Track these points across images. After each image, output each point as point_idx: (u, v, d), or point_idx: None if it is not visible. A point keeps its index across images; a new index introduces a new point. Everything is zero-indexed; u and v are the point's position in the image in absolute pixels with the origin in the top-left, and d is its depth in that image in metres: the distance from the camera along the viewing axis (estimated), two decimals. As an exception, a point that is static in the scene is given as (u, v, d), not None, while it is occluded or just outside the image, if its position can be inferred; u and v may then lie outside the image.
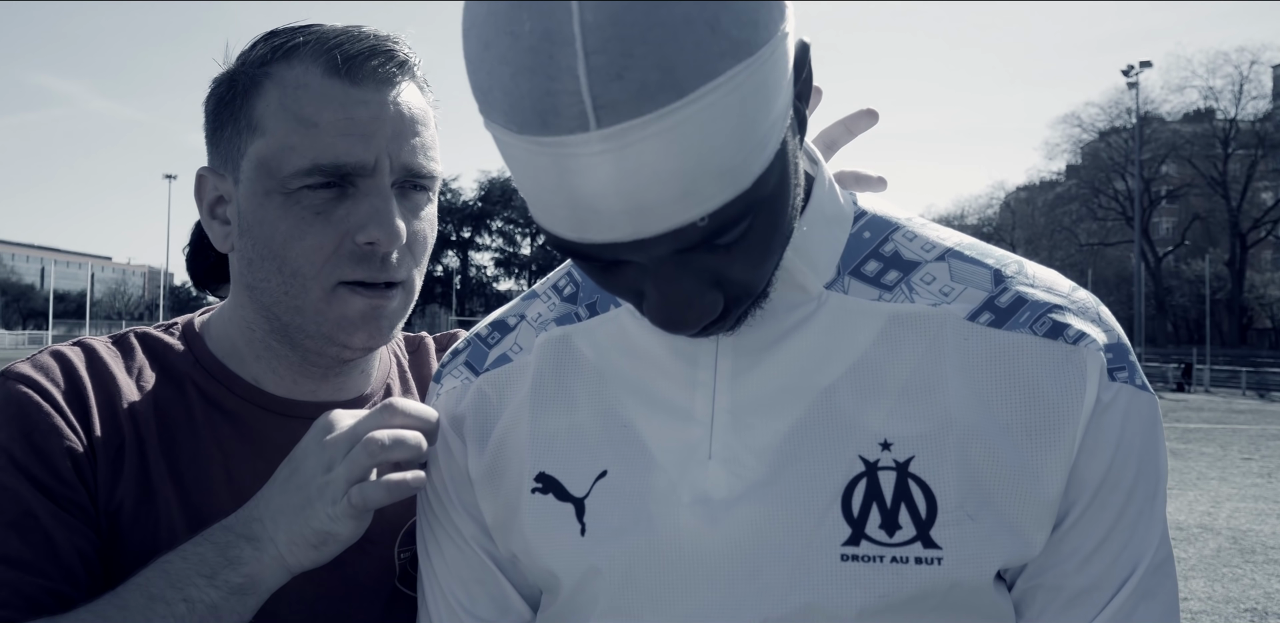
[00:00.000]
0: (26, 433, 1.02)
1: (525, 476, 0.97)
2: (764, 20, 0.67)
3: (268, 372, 1.17)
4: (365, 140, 1.05)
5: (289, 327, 1.12)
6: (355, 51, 1.06)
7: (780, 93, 0.71)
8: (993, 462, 0.84)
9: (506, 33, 0.66)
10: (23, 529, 0.99)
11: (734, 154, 0.68)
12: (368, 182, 1.06)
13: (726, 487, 0.88)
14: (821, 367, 0.89)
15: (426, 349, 1.37)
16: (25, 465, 1.01)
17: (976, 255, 0.93)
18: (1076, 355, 0.86)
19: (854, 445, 0.86)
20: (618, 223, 0.69)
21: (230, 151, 1.10)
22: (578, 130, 0.65)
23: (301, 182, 1.05)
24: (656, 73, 0.63)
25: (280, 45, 1.08)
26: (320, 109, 1.04)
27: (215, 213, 1.15)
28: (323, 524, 0.96)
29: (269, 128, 1.06)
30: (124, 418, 1.09)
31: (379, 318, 1.10)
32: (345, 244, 1.06)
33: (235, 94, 1.09)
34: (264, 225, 1.08)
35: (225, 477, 1.11)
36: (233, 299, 1.19)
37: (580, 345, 1.00)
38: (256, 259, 1.10)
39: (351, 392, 1.22)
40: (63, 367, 1.09)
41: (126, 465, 1.07)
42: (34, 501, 1.00)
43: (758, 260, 0.77)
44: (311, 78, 1.05)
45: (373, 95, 1.06)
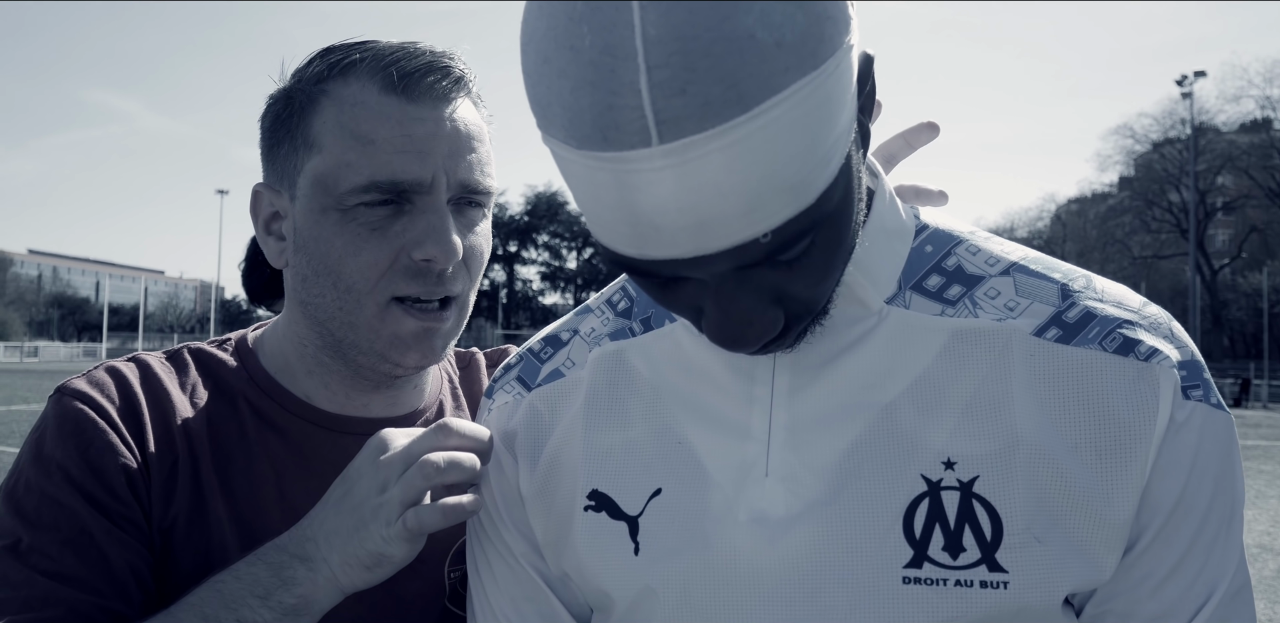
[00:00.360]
0: (83, 450, 1.03)
1: (578, 493, 0.96)
2: (829, 33, 0.65)
3: (320, 387, 1.17)
4: (422, 157, 1.04)
5: (342, 342, 1.11)
6: (411, 68, 1.06)
7: (845, 107, 0.69)
8: (1061, 483, 0.81)
9: (566, 47, 0.65)
10: (78, 547, 0.99)
11: (798, 169, 0.67)
12: (424, 198, 1.06)
13: (784, 505, 0.86)
14: (882, 383, 0.87)
15: (477, 365, 1.35)
16: (81, 483, 1.01)
17: (1042, 269, 0.90)
18: (1149, 373, 0.82)
19: (916, 464, 0.84)
20: (679, 239, 0.68)
21: (286, 168, 1.11)
22: (639, 146, 0.64)
23: (358, 198, 1.05)
24: (720, 87, 0.62)
25: (336, 62, 1.08)
26: (377, 126, 1.04)
27: (271, 229, 1.15)
28: (377, 546, 0.95)
29: (326, 145, 1.06)
30: (178, 434, 1.09)
31: (432, 338, 1.10)
32: (401, 260, 1.06)
33: (292, 111, 1.09)
34: (319, 242, 1.08)
35: (277, 494, 1.10)
36: (286, 315, 1.19)
37: (634, 361, 0.98)
38: (311, 275, 1.10)
39: (404, 407, 1.22)
40: (118, 383, 1.09)
41: (180, 482, 1.07)
42: (89, 518, 1.00)
43: (820, 277, 0.76)
44: (368, 95, 1.05)
45: (429, 112, 1.06)
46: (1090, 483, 0.81)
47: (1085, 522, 0.81)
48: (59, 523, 1.00)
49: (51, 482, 1.01)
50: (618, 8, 0.63)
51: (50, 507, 1.00)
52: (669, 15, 0.62)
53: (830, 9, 0.66)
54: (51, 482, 1.01)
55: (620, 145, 0.64)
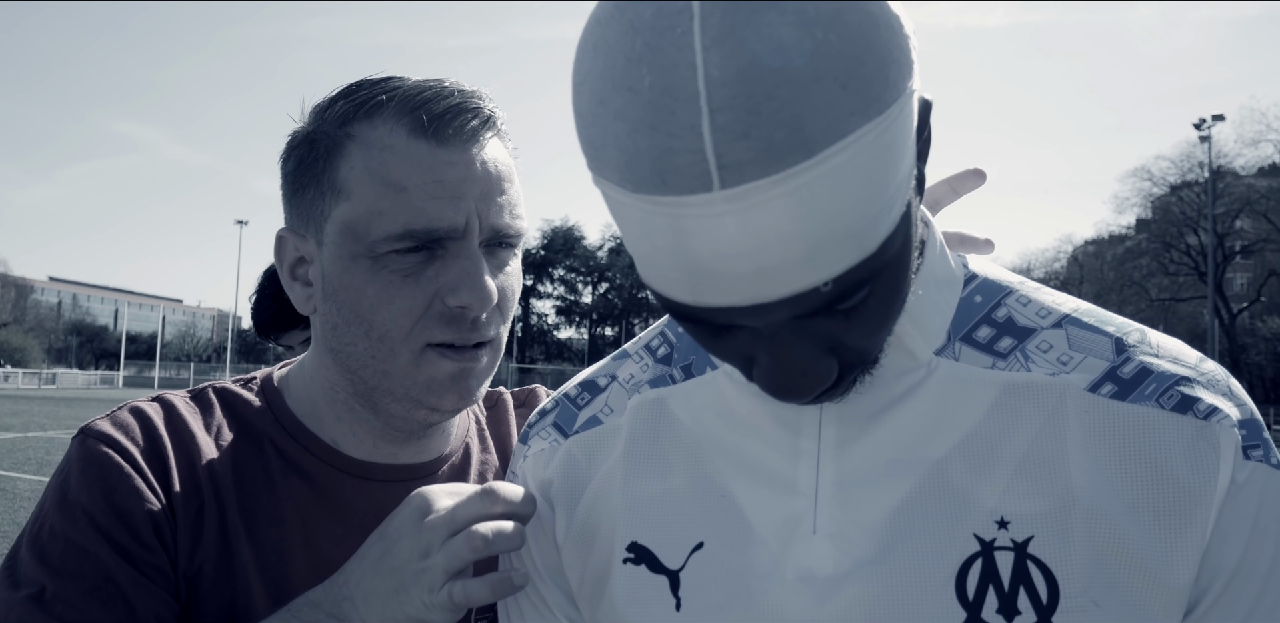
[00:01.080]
0: (108, 495, 1.00)
1: (616, 544, 0.93)
2: (894, 77, 0.64)
3: (347, 434, 1.14)
4: (455, 203, 1.01)
5: (375, 390, 1.09)
6: (440, 110, 1.02)
7: (907, 153, 0.68)
8: (1119, 544, 0.78)
9: (625, 88, 0.63)
10: (104, 596, 0.97)
11: (861, 216, 0.65)
12: (457, 244, 1.03)
13: (833, 564, 0.83)
14: (932, 438, 0.84)
15: (505, 405, 1.33)
16: (107, 529, 0.99)
17: (1095, 322, 0.88)
18: (1209, 432, 0.80)
19: (968, 523, 0.81)
20: (737, 287, 0.66)
21: (312, 214, 1.07)
22: (699, 190, 0.62)
23: (391, 246, 1.01)
24: (784, 131, 0.60)
25: (362, 103, 1.04)
26: (409, 172, 1.01)
27: (296, 274, 1.12)
28: (418, 612, 0.92)
29: (355, 191, 1.02)
30: (203, 477, 1.06)
31: (468, 379, 1.08)
32: (435, 306, 1.03)
33: (316, 155, 1.05)
34: (350, 290, 1.04)
35: (303, 540, 1.08)
36: (315, 360, 1.16)
37: (676, 409, 0.96)
38: (342, 323, 1.07)
39: (431, 453, 1.19)
40: (142, 425, 1.07)
41: (206, 527, 1.04)
42: (115, 566, 0.98)
43: (876, 326, 0.74)
44: (396, 139, 1.02)
45: (459, 155, 1.03)
46: (1148, 545, 0.78)
47: (1143, 585, 0.78)
48: (84, 571, 0.97)
49: (77, 528, 0.99)
50: (679, 48, 0.61)
51: (75, 554, 0.98)
52: (733, 57, 0.60)
53: (895, 53, 0.64)
54: (77, 528, 0.99)
55: (679, 190, 0.63)
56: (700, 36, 0.61)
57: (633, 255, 0.73)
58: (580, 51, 0.68)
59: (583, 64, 0.67)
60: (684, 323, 0.75)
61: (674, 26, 0.61)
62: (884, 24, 0.64)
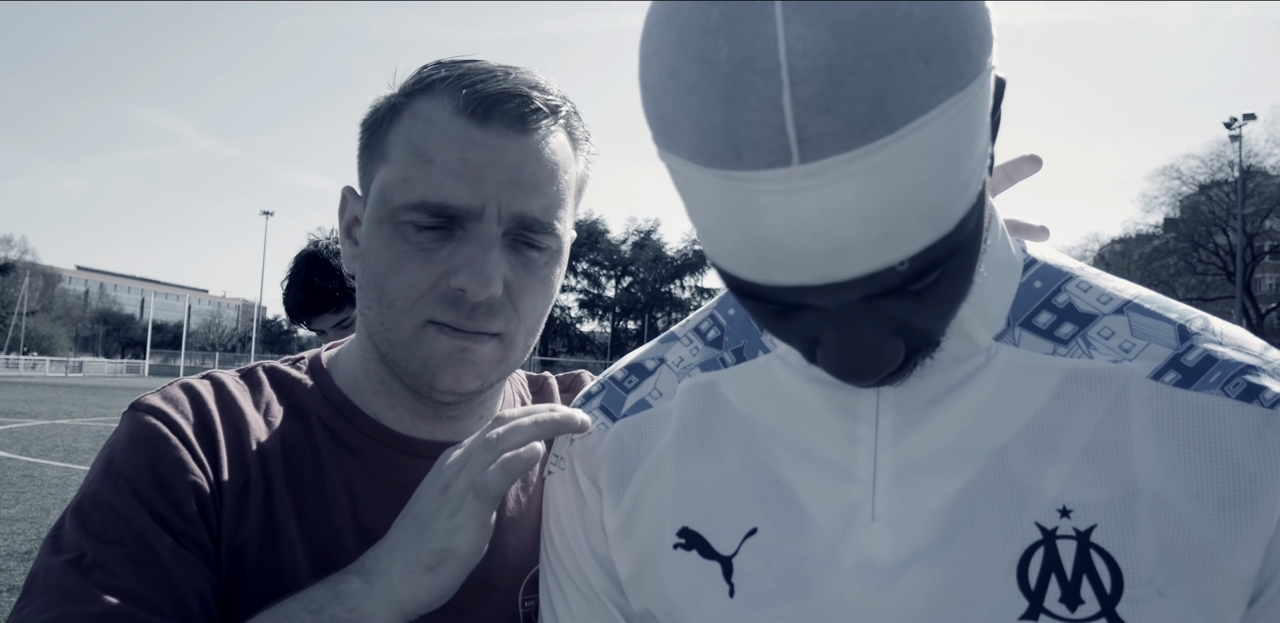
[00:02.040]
0: (152, 466, 1.01)
1: (666, 529, 0.92)
2: (975, 52, 0.62)
3: (386, 408, 1.15)
4: (475, 184, 1.01)
5: (386, 358, 1.10)
6: (490, 92, 1.02)
7: (984, 129, 0.66)
8: (1184, 534, 0.77)
9: (699, 60, 0.61)
10: (142, 564, 0.97)
11: (939, 194, 0.64)
12: (474, 226, 1.03)
13: (893, 552, 0.82)
14: (992, 425, 0.83)
15: (550, 389, 1.33)
16: (149, 499, 0.99)
17: (1158, 309, 0.86)
18: (1276, 420, 0.78)
19: (1030, 511, 0.80)
20: (811, 265, 0.65)
21: (366, 176, 1.10)
22: (777, 165, 0.61)
23: (408, 215, 1.02)
24: (867, 105, 0.59)
25: (427, 77, 1.06)
26: (440, 147, 1.02)
27: (351, 233, 1.15)
28: (440, 541, 0.94)
29: (393, 157, 1.05)
30: (251, 454, 1.07)
31: (466, 361, 1.06)
32: (440, 285, 1.04)
33: (379, 121, 1.09)
34: (371, 253, 1.07)
35: (351, 516, 1.08)
36: (357, 332, 1.18)
37: (728, 393, 0.95)
38: (364, 285, 1.10)
39: (471, 432, 1.18)
40: (192, 399, 1.08)
41: (251, 503, 1.05)
42: (154, 535, 0.98)
43: (946, 308, 0.73)
44: (440, 113, 1.03)
45: (496, 140, 1.02)
46: (1214, 535, 0.77)
47: (1208, 575, 0.77)
48: (124, 538, 0.97)
49: (119, 496, 0.99)
50: (759, 19, 0.59)
51: (116, 522, 0.98)
52: (815, 28, 0.58)
53: (977, 27, 0.63)
54: (119, 496, 0.99)
55: (756, 164, 0.61)
56: (781, 7, 0.59)
57: (699, 232, 0.72)
58: (650, 22, 0.66)
59: (653, 35, 0.65)
60: (749, 302, 0.73)
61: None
62: None
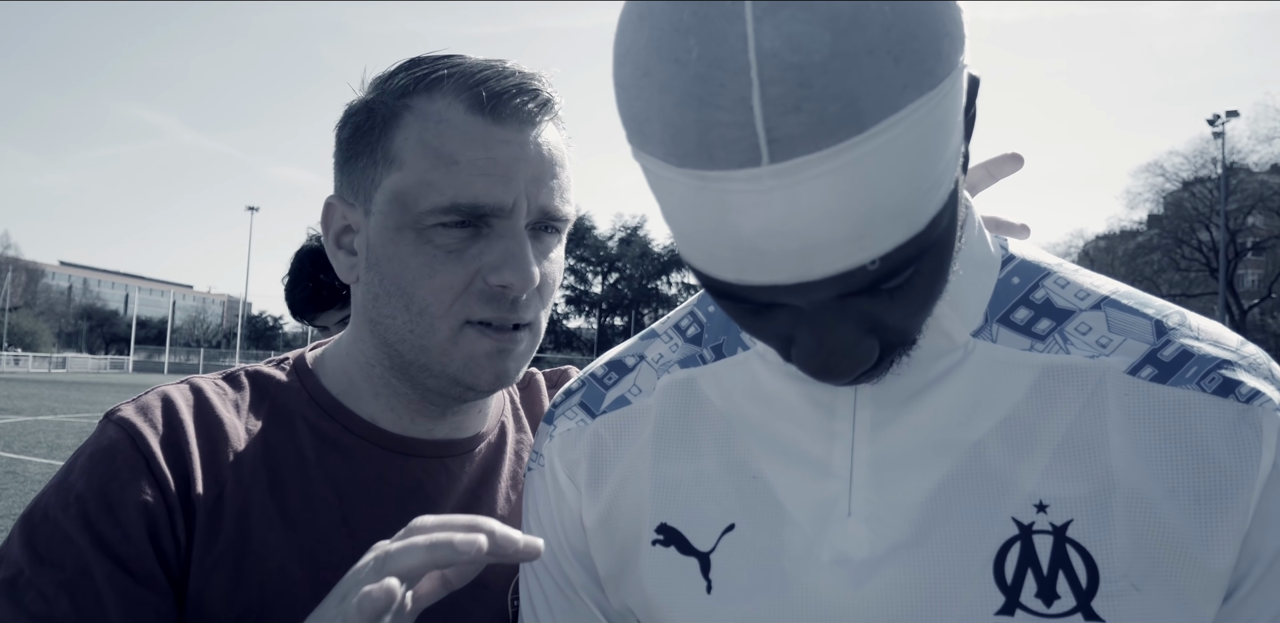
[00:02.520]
0: (105, 483, 0.98)
1: (645, 526, 0.92)
2: (946, 51, 0.62)
3: (385, 410, 1.13)
4: (505, 182, 1.01)
5: (412, 365, 1.08)
6: (500, 89, 1.03)
7: (956, 129, 0.66)
8: (1159, 528, 0.77)
9: (671, 60, 0.61)
10: (75, 590, 0.93)
11: (910, 194, 0.64)
12: (503, 223, 1.03)
13: (869, 547, 0.82)
14: (969, 420, 0.83)
15: (538, 386, 1.33)
16: (95, 521, 0.96)
17: (1135, 305, 0.87)
18: (1251, 415, 0.78)
19: (1006, 506, 0.80)
20: (782, 265, 0.65)
21: (363, 182, 1.07)
22: (747, 165, 0.61)
23: (437, 219, 1.01)
24: (837, 105, 0.59)
25: (423, 76, 1.04)
26: (462, 147, 1.01)
27: (341, 242, 1.12)
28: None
29: (407, 161, 1.02)
30: (227, 465, 1.04)
31: (506, 359, 1.07)
32: (475, 284, 1.03)
33: (373, 124, 1.06)
34: (394, 261, 1.04)
35: (340, 519, 1.06)
36: (353, 334, 1.15)
37: (706, 390, 0.95)
38: (383, 294, 1.06)
39: (468, 430, 1.19)
40: (165, 410, 1.05)
41: (226, 517, 1.02)
42: (94, 561, 0.94)
43: (919, 307, 0.73)
44: (454, 113, 1.02)
45: (514, 135, 1.03)
46: (1189, 529, 0.77)
47: (1183, 570, 0.77)
48: (63, 561, 0.94)
49: (66, 514, 0.96)
50: (729, 19, 0.59)
51: (59, 541, 0.95)
52: (784, 28, 0.58)
53: (948, 25, 0.63)
54: (66, 514, 0.96)
55: (727, 164, 0.61)
56: (751, 7, 0.59)
57: (672, 231, 0.72)
58: (623, 22, 0.66)
59: (626, 35, 0.65)
60: (723, 301, 0.74)
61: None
62: None
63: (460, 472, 1.16)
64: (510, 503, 1.18)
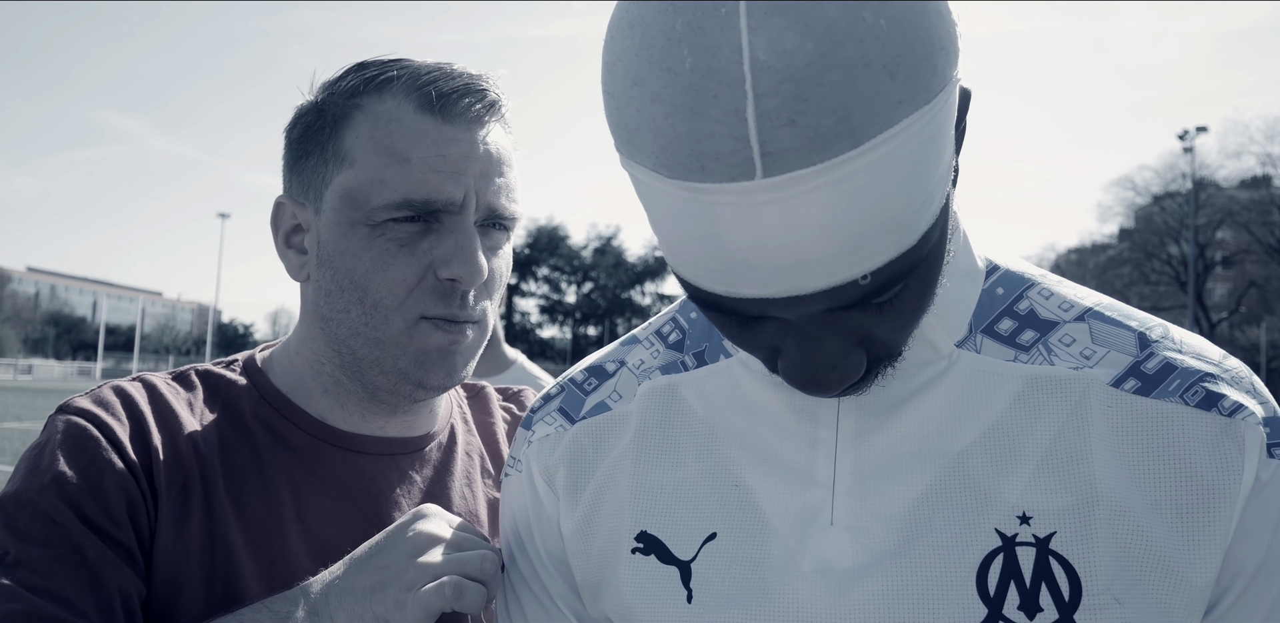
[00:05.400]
0: (83, 467, 0.99)
1: (624, 534, 0.91)
2: (941, 65, 0.62)
3: (335, 407, 1.15)
4: (455, 177, 1.04)
5: (363, 361, 1.09)
6: (449, 89, 1.06)
7: (949, 143, 0.66)
8: (1142, 541, 0.77)
9: (663, 69, 0.60)
10: (69, 565, 0.94)
11: (903, 208, 0.63)
12: (453, 218, 1.05)
13: (851, 556, 0.82)
14: (952, 430, 0.83)
15: (487, 395, 1.34)
16: (77, 502, 0.97)
17: (1119, 317, 0.87)
18: (1234, 429, 0.79)
19: (989, 518, 0.80)
20: (773, 278, 0.64)
21: (313, 181, 1.09)
22: (740, 178, 0.60)
23: (389, 214, 1.04)
24: (832, 119, 0.58)
25: (372, 78, 1.07)
26: (413, 145, 1.04)
27: (291, 242, 1.14)
28: (386, 610, 0.92)
29: (358, 159, 1.05)
30: (188, 456, 1.05)
31: (455, 354, 1.09)
32: (427, 278, 1.06)
33: (324, 124, 1.08)
34: (346, 256, 1.06)
35: (294, 516, 1.08)
36: (302, 333, 1.16)
37: (688, 397, 0.94)
38: (336, 290, 1.08)
39: (419, 429, 1.20)
40: (124, 402, 1.06)
41: (192, 507, 1.03)
42: (83, 537, 0.96)
43: (907, 320, 0.73)
44: (404, 113, 1.05)
45: (463, 134, 1.06)
46: (1171, 542, 0.77)
47: (1166, 583, 0.77)
48: (50, 539, 0.95)
49: (44, 497, 0.97)
50: (724, 29, 0.59)
51: (42, 523, 0.96)
52: (780, 40, 0.58)
53: (943, 40, 0.63)
54: (44, 497, 0.97)
55: (719, 177, 0.61)
56: (747, 17, 0.58)
57: (660, 242, 0.71)
58: (613, 29, 0.66)
59: (616, 42, 0.65)
60: (710, 312, 0.73)
61: (718, 6, 0.59)
62: (933, 9, 0.62)
63: (411, 470, 1.17)
64: (465, 501, 1.20)
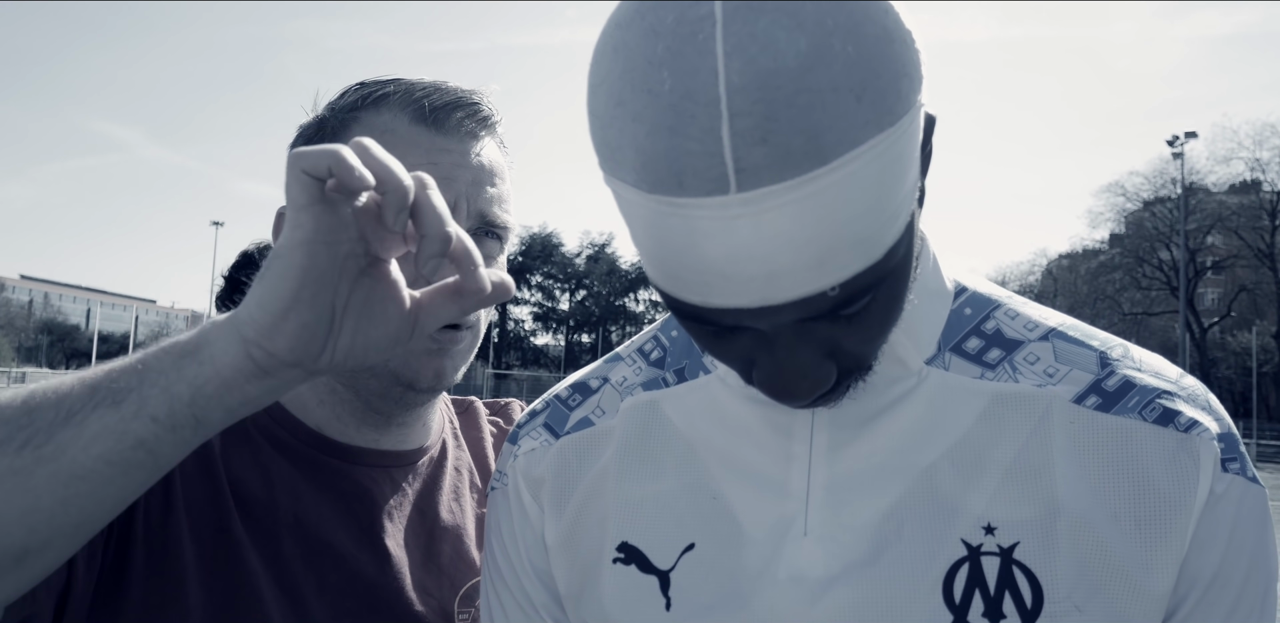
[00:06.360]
0: None
1: (606, 544, 0.94)
2: (905, 90, 0.66)
3: (331, 419, 1.17)
4: (446, 184, 1.05)
5: None
6: (442, 103, 1.10)
7: (913, 163, 0.70)
8: (1101, 552, 0.81)
9: (644, 90, 0.64)
10: None
11: (869, 224, 0.67)
12: None
13: (824, 565, 0.85)
14: (921, 444, 0.86)
15: (475, 411, 1.38)
16: None
17: (1081, 337, 0.91)
18: (1189, 444, 0.83)
19: (956, 528, 0.83)
20: (747, 289, 0.68)
21: None
22: (715, 193, 0.64)
23: None
24: (801, 138, 0.62)
25: (370, 94, 1.13)
26: (405, 153, 1.04)
27: None
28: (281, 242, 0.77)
29: None
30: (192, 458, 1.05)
31: (444, 357, 1.12)
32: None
33: (323, 136, 1.13)
34: None
35: (293, 520, 1.10)
36: None
37: (669, 412, 0.98)
38: None
39: (412, 443, 1.23)
40: None
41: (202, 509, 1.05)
42: None
43: (875, 332, 0.76)
44: (399, 124, 1.09)
45: (455, 145, 1.10)
46: (1130, 553, 0.81)
47: (1124, 592, 0.80)
48: None
49: None
50: (701, 53, 0.62)
51: None
52: (754, 64, 0.62)
53: (908, 67, 0.67)
54: None
55: (695, 191, 0.64)
56: (723, 43, 0.62)
57: (642, 255, 0.74)
58: (598, 53, 0.70)
59: (601, 65, 0.69)
60: (689, 323, 0.76)
61: (696, 32, 0.63)
62: (898, 38, 0.66)
63: (404, 483, 1.19)
64: (453, 514, 1.22)
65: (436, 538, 1.19)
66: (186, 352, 0.77)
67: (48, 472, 0.72)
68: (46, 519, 0.73)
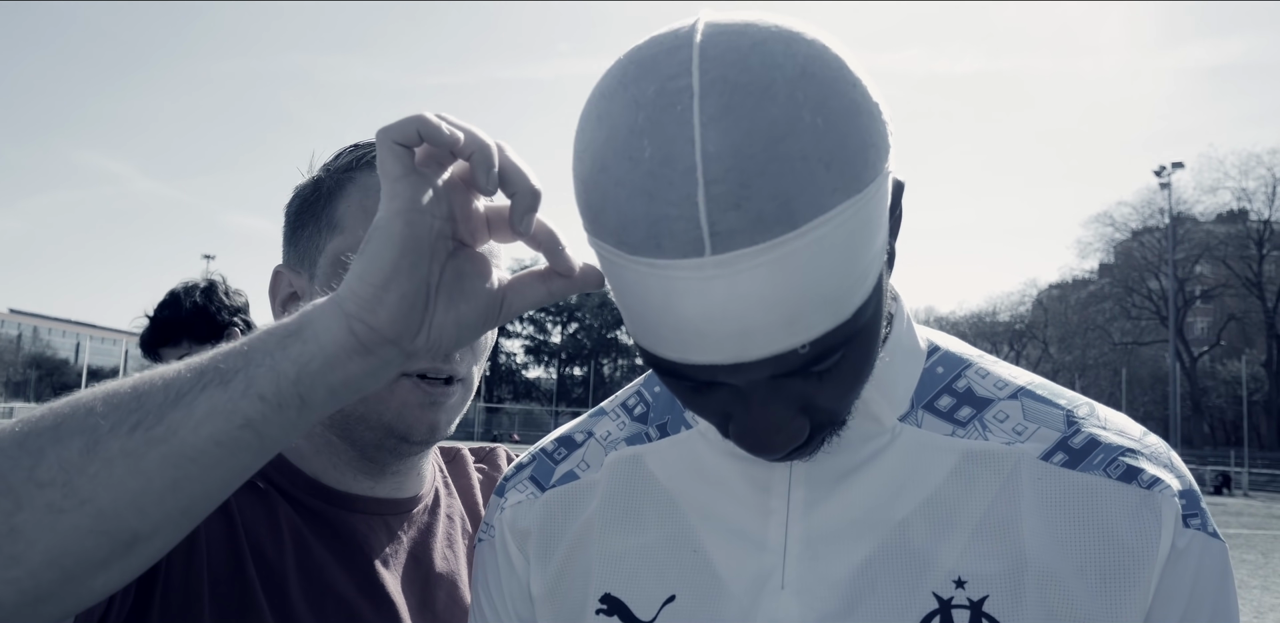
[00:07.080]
0: None
1: (590, 596, 0.96)
2: (872, 159, 0.70)
3: (328, 467, 1.19)
4: None
5: (350, 417, 1.14)
6: None
7: (881, 228, 0.73)
8: (1068, 605, 0.83)
9: (626, 157, 0.68)
10: None
11: (838, 285, 0.70)
12: None
13: (799, 618, 0.87)
14: (895, 500, 0.89)
15: (464, 459, 1.41)
16: None
17: (1048, 395, 0.94)
18: (1152, 501, 0.86)
19: (928, 582, 0.86)
20: (721, 346, 0.70)
21: (308, 249, 1.16)
22: (691, 255, 0.67)
23: None
24: (773, 204, 0.66)
25: (363, 155, 1.16)
26: None
27: (288, 308, 1.18)
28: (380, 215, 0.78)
29: (348, 226, 1.13)
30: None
31: (438, 411, 1.14)
32: None
33: (319, 196, 1.15)
34: None
35: (296, 563, 1.11)
36: None
37: (652, 466, 1.00)
38: None
39: (407, 491, 1.25)
40: None
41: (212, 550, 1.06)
42: None
43: (846, 389, 0.79)
44: None
45: None
46: (1095, 606, 0.83)
47: None
48: None
49: None
50: (679, 124, 0.66)
51: None
52: (729, 134, 0.66)
53: (874, 137, 0.70)
54: None
55: (672, 253, 0.67)
56: (699, 114, 0.66)
57: (623, 313, 0.78)
58: (584, 121, 0.74)
59: (585, 133, 0.73)
60: (668, 379, 0.79)
61: (675, 103, 0.67)
62: (865, 111, 0.70)
63: (399, 530, 1.22)
64: (447, 561, 1.25)
65: (432, 584, 1.21)
66: (290, 332, 0.78)
67: (159, 453, 0.72)
68: (157, 502, 0.73)
